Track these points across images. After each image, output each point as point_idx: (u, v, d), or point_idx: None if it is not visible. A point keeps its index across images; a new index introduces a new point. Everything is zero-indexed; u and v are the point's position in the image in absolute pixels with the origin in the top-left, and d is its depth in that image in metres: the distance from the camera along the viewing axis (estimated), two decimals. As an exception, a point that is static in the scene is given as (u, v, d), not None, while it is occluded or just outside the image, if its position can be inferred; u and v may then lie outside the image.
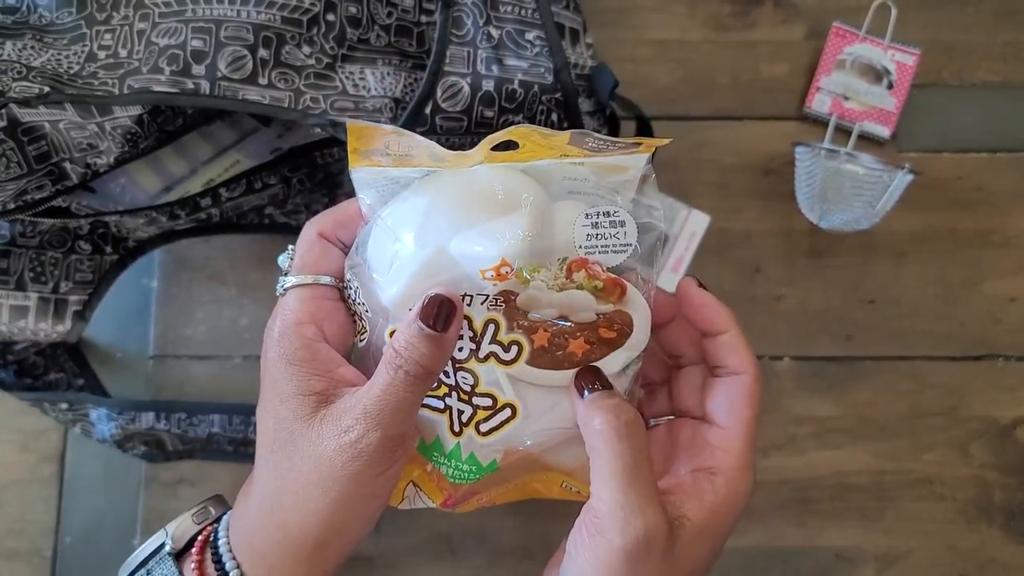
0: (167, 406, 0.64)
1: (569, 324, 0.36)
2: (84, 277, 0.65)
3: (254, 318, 0.70)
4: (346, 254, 0.40)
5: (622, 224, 0.37)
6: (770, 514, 0.67)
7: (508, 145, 0.39)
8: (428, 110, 0.51)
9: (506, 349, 0.36)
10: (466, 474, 0.39)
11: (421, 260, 0.36)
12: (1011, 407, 0.68)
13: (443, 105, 0.51)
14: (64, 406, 0.64)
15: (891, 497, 0.68)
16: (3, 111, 0.45)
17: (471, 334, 0.36)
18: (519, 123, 0.50)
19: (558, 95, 0.54)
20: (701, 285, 0.40)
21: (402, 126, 0.50)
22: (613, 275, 0.37)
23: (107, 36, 0.47)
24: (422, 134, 0.48)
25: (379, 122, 0.49)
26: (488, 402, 0.37)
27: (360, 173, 0.39)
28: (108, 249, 0.66)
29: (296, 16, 0.49)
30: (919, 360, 0.69)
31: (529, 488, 0.42)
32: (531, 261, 0.36)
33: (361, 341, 0.39)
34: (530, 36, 0.54)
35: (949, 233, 0.70)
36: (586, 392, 0.35)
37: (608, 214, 0.37)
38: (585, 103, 0.58)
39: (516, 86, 0.52)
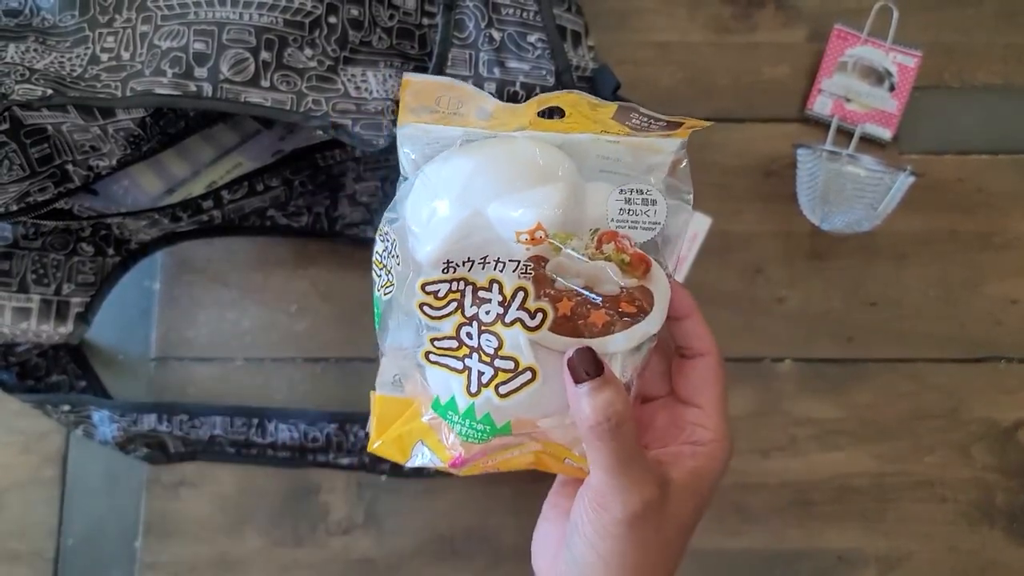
0: (169, 408, 0.64)
1: (593, 296, 0.38)
2: (86, 279, 0.65)
3: (256, 320, 0.70)
4: None
5: (653, 203, 0.39)
6: (771, 516, 0.67)
7: (553, 111, 0.40)
8: None
9: (532, 316, 0.38)
10: (480, 433, 0.40)
11: (458, 220, 0.37)
12: (1012, 409, 0.68)
13: None
14: (66, 408, 0.64)
15: (892, 499, 0.68)
16: (6, 113, 0.45)
17: (500, 298, 0.38)
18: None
19: None
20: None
21: None
22: (641, 251, 0.38)
23: (110, 39, 0.47)
24: None
25: (381, 124, 0.49)
26: (510, 365, 0.38)
27: (406, 130, 0.40)
28: (110, 251, 0.66)
29: (298, 19, 0.49)
30: (920, 362, 0.69)
31: (534, 459, 0.43)
32: (565, 230, 0.37)
33: (387, 295, 0.40)
34: (532, 38, 0.54)
35: (950, 235, 0.70)
36: (579, 379, 0.37)
37: (641, 192, 0.38)
38: (587, 105, 0.58)
39: (518, 88, 0.52)
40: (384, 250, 0.41)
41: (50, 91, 0.45)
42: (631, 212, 0.38)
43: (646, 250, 0.39)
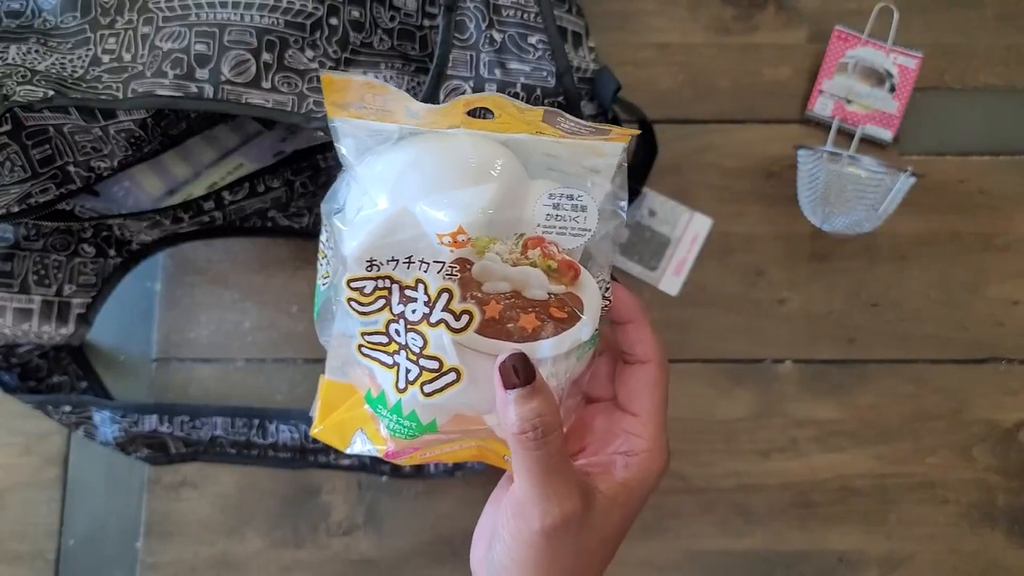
0: (170, 409, 0.65)
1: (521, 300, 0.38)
2: (87, 280, 0.65)
3: (257, 321, 0.70)
4: None
5: (583, 209, 0.38)
6: (772, 517, 0.67)
7: (483, 112, 0.39)
8: None
9: (457, 318, 0.37)
10: (406, 430, 0.39)
11: (383, 217, 0.37)
12: (1014, 410, 0.68)
13: None
14: (67, 409, 0.64)
15: (894, 500, 0.67)
16: (8, 115, 0.45)
17: (426, 299, 0.37)
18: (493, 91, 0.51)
19: (560, 98, 0.54)
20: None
21: None
22: (568, 258, 0.38)
23: (111, 40, 0.47)
24: None
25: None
26: (435, 364, 0.38)
27: (340, 124, 0.39)
28: (111, 252, 0.66)
29: (299, 20, 0.49)
30: (922, 363, 0.69)
31: (477, 452, 0.42)
32: (490, 234, 0.37)
33: (325, 285, 0.40)
34: (532, 40, 0.54)
35: (951, 236, 0.70)
36: (508, 385, 0.36)
37: (571, 197, 0.38)
38: (588, 106, 0.58)
39: (518, 89, 0.52)
40: (326, 239, 0.40)
41: (51, 92, 0.45)
42: (559, 217, 0.38)
43: (577, 256, 0.38)
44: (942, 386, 0.69)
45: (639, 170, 0.67)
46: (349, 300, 0.38)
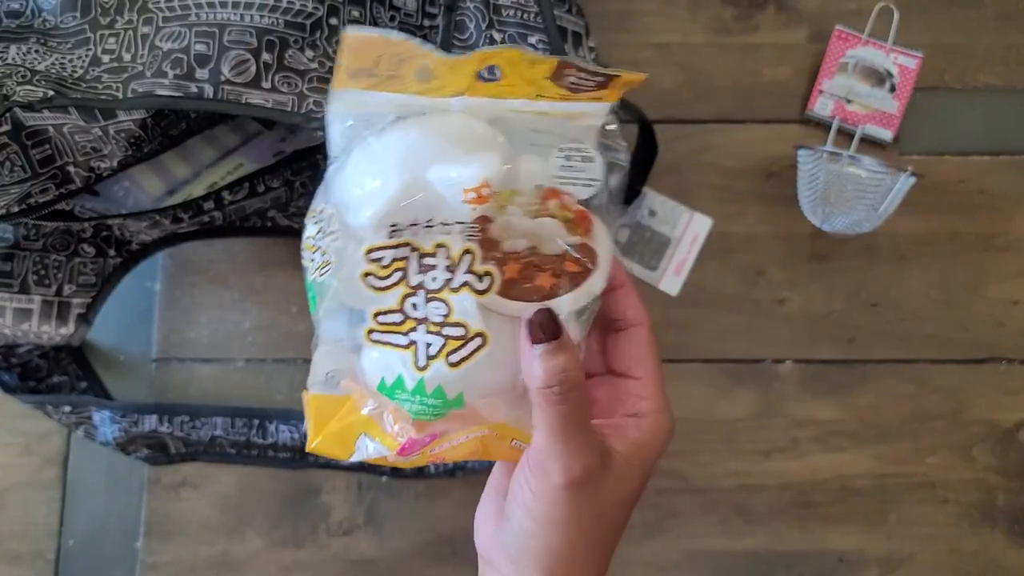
0: (170, 409, 0.65)
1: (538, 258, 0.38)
2: (87, 280, 0.65)
3: (257, 321, 0.70)
4: None
5: (591, 160, 0.39)
6: (772, 517, 0.67)
7: (491, 71, 0.39)
8: None
9: (480, 279, 0.37)
10: (432, 408, 0.39)
11: (401, 180, 0.37)
12: (1014, 410, 0.68)
13: None
14: (67, 409, 0.64)
15: (894, 500, 0.67)
16: (7, 115, 0.45)
17: (447, 263, 0.37)
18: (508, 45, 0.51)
19: None
20: None
21: None
22: (582, 208, 0.39)
23: (111, 40, 0.47)
24: None
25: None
26: (460, 332, 0.37)
27: (341, 97, 0.39)
28: (111, 252, 0.66)
29: (299, 20, 0.49)
30: (922, 363, 0.69)
31: (479, 447, 0.41)
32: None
33: (323, 275, 0.39)
34: (532, 40, 0.54)
35: (951, 236, 0.70)
36: (536, 340, 0.36)
37: (579, 150, 0.39)
38: (587, 106, 0.58)
39: None
40: (318, 231, 0.39)
41: (51, 92, 0.45)
42: (571, 168, 0.39)
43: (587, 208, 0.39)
44: (942, 386, 0.69)
45: (639, 170, 0.67)
46: (366, 275, 0.37)
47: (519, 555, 0.38)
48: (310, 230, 0.40)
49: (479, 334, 0.38)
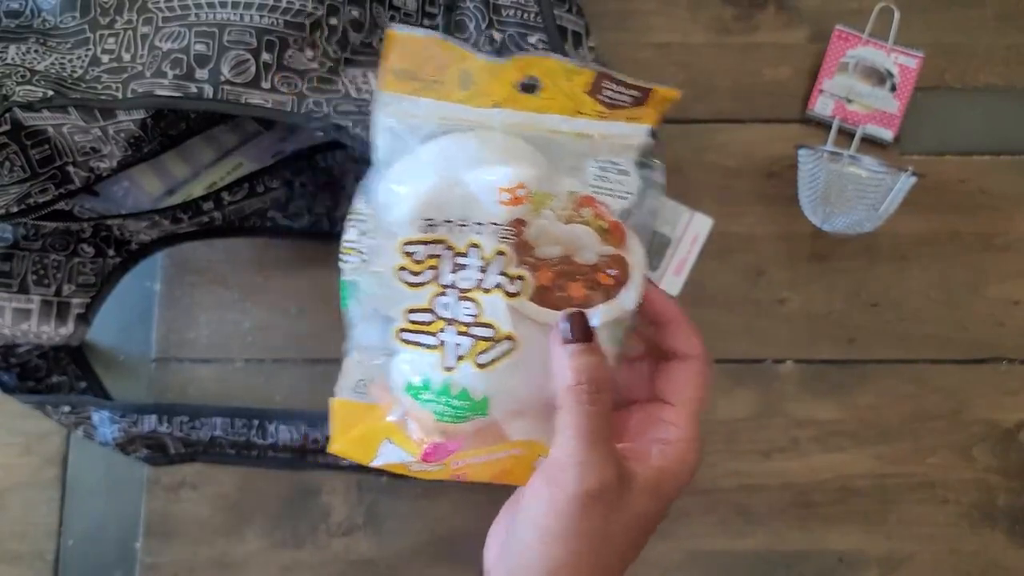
0: (169, 409, 0.64)
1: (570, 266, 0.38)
2: (87, 280, 0.65)
3: (257, 321, 0.70)
4: None
5: (626, 173, 0.40)
6: (772, 517, 0.67)
7: (531, 81, 0.40)
8: None
9: (512, 282, 0.38)
10: (456, 411, 0.39)
11: (438, 179, 0.38)
12: (1014, 410, 0.68)
13: None
14: (66, 409, 0.64)
15: (894, 500, 0.68)
16: (7, 115, 0.45)
17: (480, 263, 0.38)
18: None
19: None
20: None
21: None
22: (617, 219, 0.39)
23: (111, 40, 0.47)
24: None
25: None
26: (489, 332, 0.38)
27: (386, 100, 0.39)
28: (111, 252, 0.66)
29: (299, 20, 0.49)
30: (922, 363, 0.69)
31: (506, 468, 0.41)
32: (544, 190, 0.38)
33: (358, 275, 0.39)
34: (532, 39, 0.54)
35: (952, 236, 0.70)
36: (566, 341, 0.36)
37: (615, 163, 0.39)
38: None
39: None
40: (358, 232, 0.40)
41: (51, 92, 0.45)
42: (606, 180, 0.39)
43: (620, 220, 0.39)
44: (942, 386, 0.69)
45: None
46: (400, 268, 0.38)
47: (517, 568, 0.37)
48: (349, 234, 0.40)
49: (508, 336, 0.38)
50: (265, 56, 0.48)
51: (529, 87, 0.40)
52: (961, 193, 0.70)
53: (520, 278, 0.38)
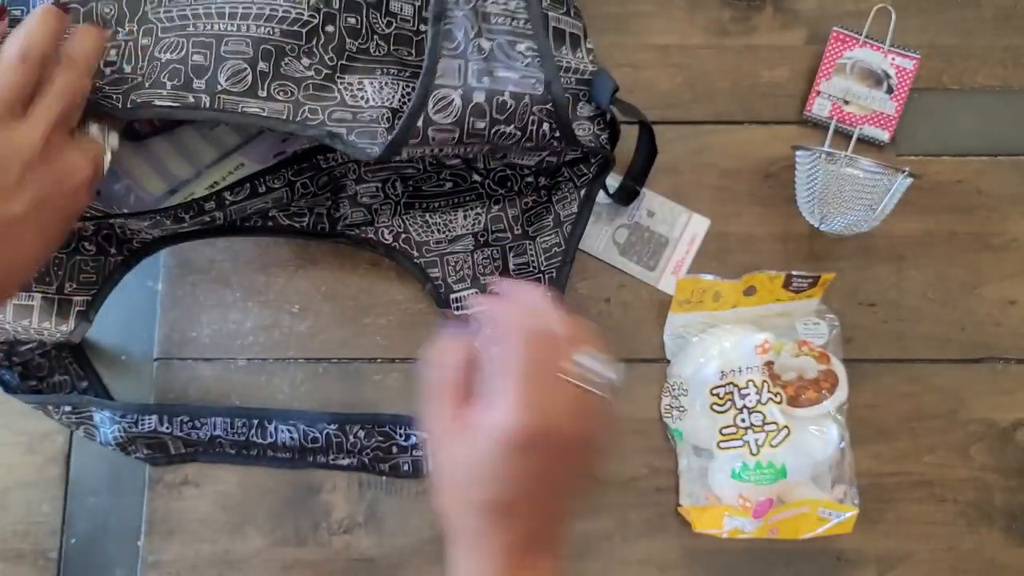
0: (170, 409, 0.65)
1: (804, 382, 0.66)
2: (88, 278, 0.66)
3: (258, 321, 0.70)
4: None
5: (817, 324, 0.68)
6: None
7: (751, 288, 0.68)
8: (420, 122, 0.51)
9: (776, 396, 0.65)
10: (766, 477, 0.65)
11: (721, 352, 0.67)
12: (1011, 410, 0.69)
13: (434, 117, 0.51)
14: (68, 409, 0.64)
15: (892, 499, 0.68)
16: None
17: (756, 390, 0.65)
18: (755, 272, 0.68)
19: (549, 105, 0.54)
20: None
21: (395, 138, 0.50)
22: (822, 349, 0.67)
23: (112, 52, 0.48)
24: (414, 145, 0.51)
25: (375, 133, 0.51)
26: (773, 427, 0.65)
27: (670, 326, 0.69)
28: (112, 250, 0.67)
29: (295, 28, 0.49)
30: (919, 363, 0.69)
31: (801, 521, 0.65)
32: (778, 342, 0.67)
33: (682, 422, 0.68)
34: (521, 47, 0.54)
35: (949, 236, 0.71)
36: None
37: (809, 319, 0.68)
38: (586, 108, 0.58)
39: (507, 97, 0.52)
40: (672, 397, 0.67)
41: None
42: (807, 328, 0.68)
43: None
44: (939, 386, 0.69)
45: (639, 171, 0.67)
46: (711, 405, 0.66)
47: None
48: (665, 400, 0.68)
49: (785, 427, 0.65)
50: (262, 65, 0.49)
51: (750, 290, 0.67)
52: (958, 194, 0.71)
53: (778, 393, 0.65)
